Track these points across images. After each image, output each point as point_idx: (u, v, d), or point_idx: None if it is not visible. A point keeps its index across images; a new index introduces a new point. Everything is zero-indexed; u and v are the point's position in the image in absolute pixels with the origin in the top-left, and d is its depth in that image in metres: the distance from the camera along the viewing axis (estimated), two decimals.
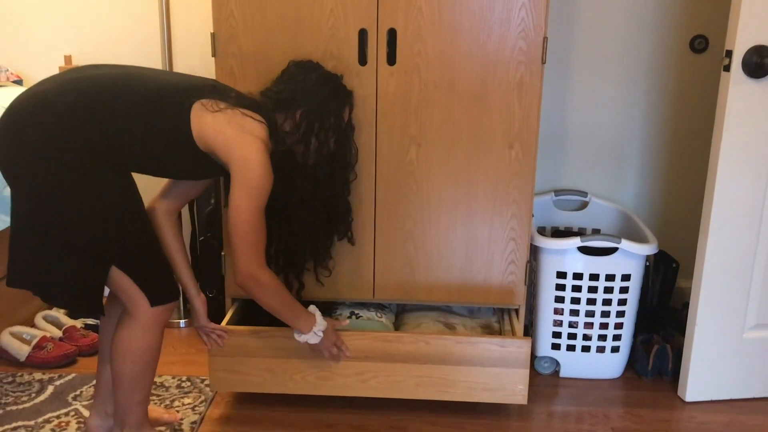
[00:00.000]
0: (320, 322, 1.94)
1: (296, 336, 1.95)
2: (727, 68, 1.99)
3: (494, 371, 2.07)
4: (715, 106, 2.07)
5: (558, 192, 2.68)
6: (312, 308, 1.97)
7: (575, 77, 2.62)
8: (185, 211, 2.63)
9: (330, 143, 1.92)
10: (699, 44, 2.57)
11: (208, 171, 1.84)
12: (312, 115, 1.86)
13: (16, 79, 2.66)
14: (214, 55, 2.06)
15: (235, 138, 1.71)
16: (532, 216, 2.18)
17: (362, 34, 2.02)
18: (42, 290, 1.76)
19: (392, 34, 2.02)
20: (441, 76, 2.05)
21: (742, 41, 1.96)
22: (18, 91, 2.52)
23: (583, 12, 2.56)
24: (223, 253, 2.22)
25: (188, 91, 1.73)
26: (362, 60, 2.04)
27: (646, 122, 2.66)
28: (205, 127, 1.70)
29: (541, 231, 2.66)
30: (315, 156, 1.91)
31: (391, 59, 2.04)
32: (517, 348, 2.06)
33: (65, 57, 2.66)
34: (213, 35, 2.05)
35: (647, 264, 2.41)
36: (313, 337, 1.93)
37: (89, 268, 1.69)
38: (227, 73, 2.07)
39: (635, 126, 2.66)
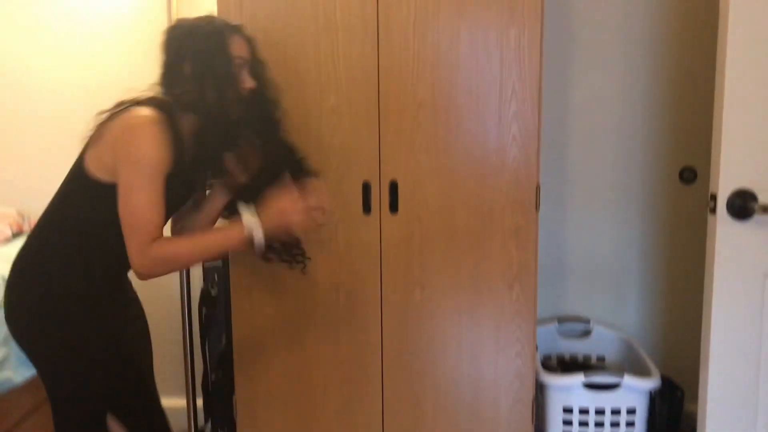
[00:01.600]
0: (248, 224, 1.72)
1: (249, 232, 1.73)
2: (713, 210, 2.08)
3: None
4: (706, 234, 2.15)
5: (561, 320, 2.74)
6: (240, 207, 1.79)
7: (571, 208, 2.72)
8: (197, 346, 2.67)
9: (236, 85, 1.75)
10: (688, 176, 2.68)
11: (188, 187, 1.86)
12: (197, 63, 1.71)
13: None
14: None
15: (120, 137, 1.64)
16: (536, 349, 2.23)
17: (366, 186, 2.14)
18: None
19: (394, 185, 2.14)
20: (441, 223, 2.15)
21: (725, 184, 2.06)
22: None
23: (574, 150, 2.69)
24: (234, 397, 2.26)
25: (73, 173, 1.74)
26: (366, 209, 2.16)
27: (642, 250, 2.74)
28: (101, 164, 1.67)
29: (547, 359, 2.69)
30: (231, 104, 1.74)
31: (394, 208, 2.15)
32: None
33: None
34: None
35: (652, 394, 2.43)
36: (256, 239, 1.72)
37: (90, 421, 1.79)
38: None
39: (632, 253, 2.74)
